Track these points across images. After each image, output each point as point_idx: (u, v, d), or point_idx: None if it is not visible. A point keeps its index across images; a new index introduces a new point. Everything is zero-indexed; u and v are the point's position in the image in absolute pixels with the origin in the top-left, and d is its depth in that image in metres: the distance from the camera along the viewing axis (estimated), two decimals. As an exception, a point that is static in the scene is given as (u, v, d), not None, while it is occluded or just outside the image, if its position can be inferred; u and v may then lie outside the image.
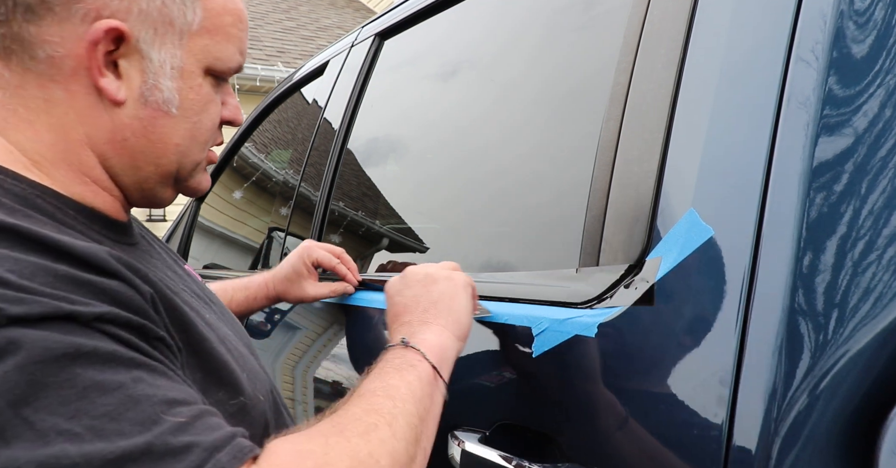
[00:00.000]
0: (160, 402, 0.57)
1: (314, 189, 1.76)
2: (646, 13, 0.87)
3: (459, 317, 0.88)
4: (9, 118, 0.71)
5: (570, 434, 0.80)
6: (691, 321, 0.70)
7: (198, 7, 0.74)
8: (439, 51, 1.56)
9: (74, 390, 0.54)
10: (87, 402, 0.54)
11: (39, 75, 0.70)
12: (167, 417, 0.56)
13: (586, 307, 0.82)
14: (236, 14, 0.77)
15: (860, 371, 0.63)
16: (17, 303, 0.54)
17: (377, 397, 0.71)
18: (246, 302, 1.33)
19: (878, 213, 0.66)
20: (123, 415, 0.54)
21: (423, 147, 1.55)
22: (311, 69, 2.15)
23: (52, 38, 0.68)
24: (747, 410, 0.63)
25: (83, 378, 0.54)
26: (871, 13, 0.68)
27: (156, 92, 0.73)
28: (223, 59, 0.77)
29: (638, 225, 0.79)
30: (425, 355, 0.80)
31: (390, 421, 0.68)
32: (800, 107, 0.67)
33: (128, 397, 0.55)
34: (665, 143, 0.78)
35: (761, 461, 0.62)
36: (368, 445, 0.64)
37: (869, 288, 0.64)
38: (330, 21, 9.76)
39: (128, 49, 0.71)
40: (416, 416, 0.72)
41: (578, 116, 1.05)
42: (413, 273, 0.94)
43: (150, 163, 0.75)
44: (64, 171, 0.72)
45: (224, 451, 0.57)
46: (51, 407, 0.52)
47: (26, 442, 0.51)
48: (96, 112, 0.72)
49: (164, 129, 0.74)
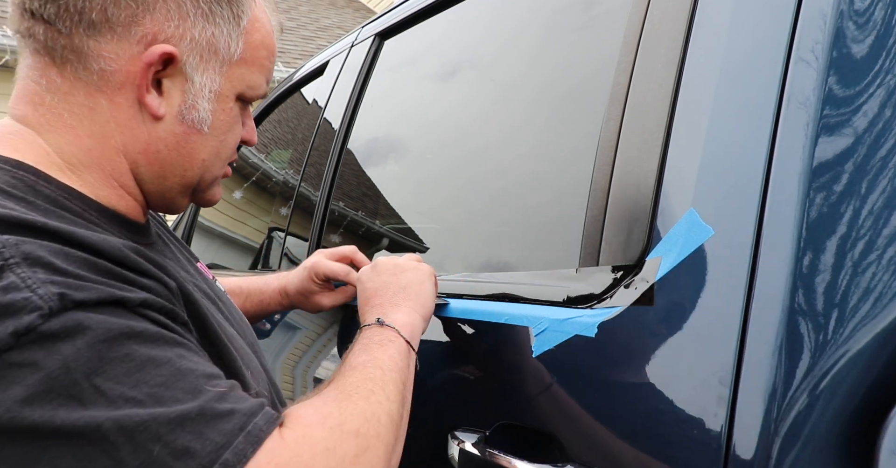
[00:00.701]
0: (202, 375, 0.66)
1: (314, 189, 1.76)
2: (646, 13, 0.87)
3: (425, 301, 1.00)
4: (52, 122, 0.77)
5: (570, 434, 0.80)
6: (691, 321, 0.70)
7: (241, 40, 0.82)
8: (439, 51, 1.56)
9: (134, 364, 0.63)
10: (144, 374, 0.63)
11: (88, 85, 0.76)
12: (209, 388, 0.66)
13: (586, 307, 0.82)
14: (271, 49, 0.86)
15: (860, 371, 0.63)
16: (79, 290, 0.63)
17: (368, 368, 0.82)
18: (261, 305, 1.32)
19: (878, 213, 0.66)
20: (175, 385, 0.64)
21: (423, 147, 1.55)
22: (311, 69, 2.15)
23: (108, 55, 0.75)
24: (747, 410, 0.63)
25: (139, 353, 0.64)
26: (871, 13, 0.68)
27: (193, 111, 0.80)
28: (254, 87, 0.85)
29: (638, 225, 0.79)
30: (400, 332, 0.91)
31: (383, 386, 0.79)
32: (800, 107, 0.67)
33: (176, 370, 0.65)
34: (665, 143, 0.78)
35: (761, 461, 0.62)
36: (371, 406, 0.75)
37: (869, 288, 0.64)
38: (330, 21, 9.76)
39: (174, 71, 0.78)
40: (401, 383, 0.83)
41: (578, 116, 1.05)
42: (383, 263, 1.06)
43: (177, 174, 0.83)
44: (96, 175, 0.78)
45: (259, 416, 0.67)
46: (117, 377, 0.62)
47: (101, 406, 0.60)
48: (135, 124, 0.78)
49: (194, 144, 0.82)
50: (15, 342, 0.59)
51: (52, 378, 0.60)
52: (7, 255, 0.62)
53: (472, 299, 1.05)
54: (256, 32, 0.84)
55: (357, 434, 0.71)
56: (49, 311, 0.61)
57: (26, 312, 0.60)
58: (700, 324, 0.69)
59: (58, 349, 0.60)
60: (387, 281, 1.02)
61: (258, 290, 1.33)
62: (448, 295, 1.11)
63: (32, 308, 0.60)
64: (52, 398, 0.59)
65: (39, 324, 0.60)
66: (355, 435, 0.71)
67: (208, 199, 0.90)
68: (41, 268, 0.63)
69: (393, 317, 0.94)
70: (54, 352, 0.60)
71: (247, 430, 0.65)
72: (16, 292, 0.61)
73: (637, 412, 0.73)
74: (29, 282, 0.62)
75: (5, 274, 0.61)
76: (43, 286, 0.62)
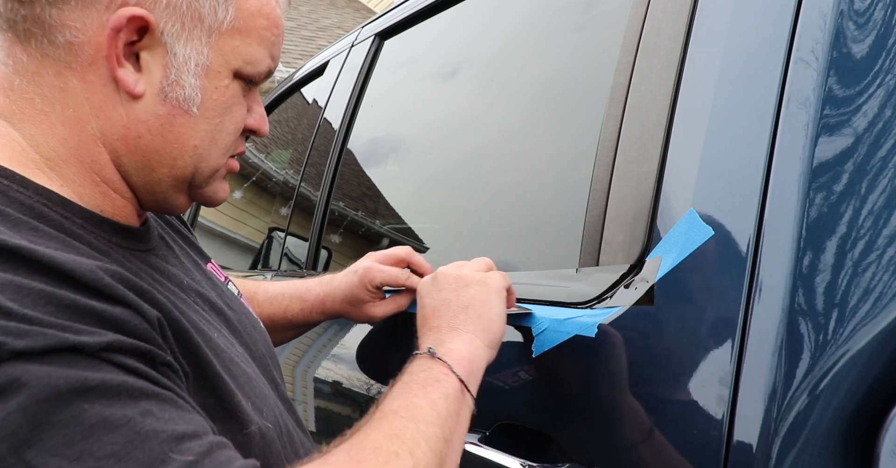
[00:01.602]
0: (168, 439, 0.54)
1: (314, 189, 1.76)
2: (646, 13, 0.87)
3: (491, 325, 0.84)
4: (25, 109, 0.68)
5: (570, 434, 0.80)
6: (691, 321, 0.70)
7: (231, 6, 0.71)
8: (439, 51, 1.56)
9: (80, 428, 0.51)
10: (92, 441, 0.51)
11: (56, 61, 0.67)
12: (175, 456, 0.54)
13: (586, 307, 0.82)
14: (271, 18, 0.74)
15: (860, 371, 0.63)
16: (20, 337, 0.52)
17: (400, 420, 0.68)
18: (302, 314, 1.16)
19: (878, 213, 0.66)
20: (131, 455, 0.52)
21: (423, 147, 1.55)
22: (311, 69, 2.15)
23: (74, 23, 0.66)
24: (747, 410, 0.63)
25: (90, 415, 0.52)
26: (871, 13, 0.68)
27: (177, 88, 0.69)
28: (253, 63, 0.73)
29: (638, 225, 0.79)
30: (453, 368, 0.76)
31: (412, 448, 0.65)
32: (800, 107, 0.67)
33: (135, 434, 0.53)
34: (665, 143, 0.78)
35: (761, 461, 0.62)
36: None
37: (869, 288, 0.64)
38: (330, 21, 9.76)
39: (151, 41, 0.68)
40: (441, 439, 0.68)
41: (578, 116, 1.05)
42: (445, 275, 0.90)
43: (165, 164, 0.72)
44: (76, 170, 0.69)
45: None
46: (55, 448, 0.50)
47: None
48: (110, 105, 0.68)
49: (182, 128, 0.71)
50: None
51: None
52: None
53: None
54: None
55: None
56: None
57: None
58: (700, 324, 0.69)
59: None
60: (447, 298, 0.86)
61: (300, 298, 1.16)
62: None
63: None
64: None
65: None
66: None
67: (210, 197, 0.77)
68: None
69: (449, 346, 0.79)
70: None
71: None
72: None
73: (637, 412, 0.73)
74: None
75: None
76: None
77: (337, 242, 1.68)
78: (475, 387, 0.78)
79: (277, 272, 1.84)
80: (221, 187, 0.78)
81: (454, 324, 0.83)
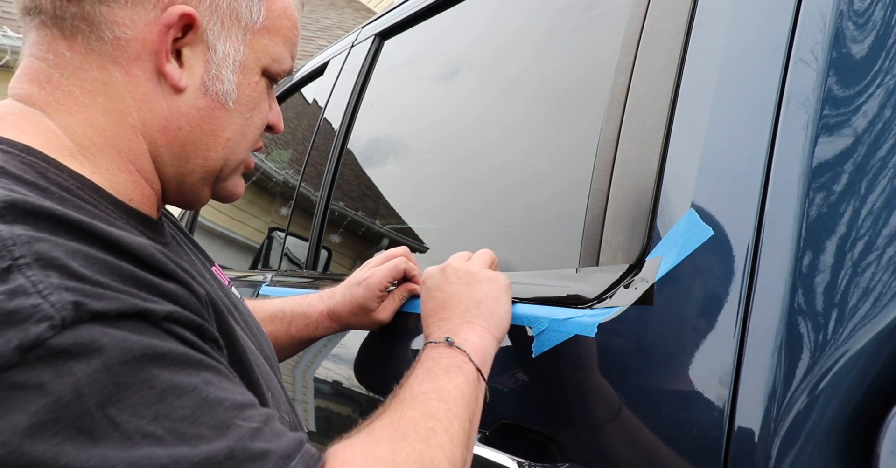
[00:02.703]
0: (231, 406, 0.58)
1: (314, 189, 1.76)
2: (646, 13, 0.87)
3: (501, 320, 0.88)
4: (62, 100, 0.70)
5: (570, 434, 0.80)
6: (691, 321, 0.70)
7: (263, 7, 0.75)
8: (439, 51, 1.56)
9: (154, 392, 0.54)
10: (166, 405, 0.54)
11: (102, 56, 0.69)
12: (240, 422, 0.57)
13: (586, 307, 0.82)
14: (293, 20, 0.80)
15: (860, 371, 0.63)
16: (96, 299, 0.54)
17: (432, 401, 0.72)
18: (307, 330, 1.18)
19: (878, 213, 0.66)
20: (200, 419, 0.55)
21: (423, 147, 1.55)
22: (311, 69, 2.15)
23: (123, 20, 0.69)
24: (747, 410, 0.63)
25: (160, 380, 0.55)
26: (871, 13, 0.68)
27: (217, 83, 0.74)
28: (279, 61, 0.78)
29: (638, 225, 0.79)
30: (471, 357, 0.81)
31: (447, 425, 0.70)
32: (800, 107, 0.67)
33: (202, 400, 0.56)
34: (665, 143, 0.78)
35: (761, 461, 0.62)
36: (430, 451, 0.66)
37: (869, 288, 0.64)
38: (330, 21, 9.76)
39: (194, 38, 0.72)
40: (468, 420, 0.73)
41: (578, 116, 1.05)
42: (454, 269, 0.93)
43: (200, 155, 0.75)
44: (111, 158, 0.71)
45: (296, 459, 0.58)
46: (134, 408, 0.53)
47: (114, 442, 0.52)
48: (153, 98, 0.71)
49: (218, 120, 0.75)
50: (19, 358, 0.50)
51: (60, 405, 0.51)
52: (17, 254, 0.53)
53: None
54: (278, 0, 0.78)
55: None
56: (61, 323, 0.52)
57: (34, 322, 0.51)
58: (700, 324, 0.69)
59: (70, 370, 0.51)
60: (458, 291, 0.90)
61: (302, 315, 1.18)
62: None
63: (42, 317, 0.51)
64: (60, 430, 0.50)
65: (49, 337, 0.51)
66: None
67: (231, 190, 0.82)
68: (55, 272, 0.54)
69: (464, 337, 0.84)
70: (65, 373, 0.51)
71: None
72: (24, 298, 0.52)
73: (637, 412, 0.73)
74: (40, 287, 0.53)
75: (13, 276, 0.53)
76: (56, 292, 0.53)
77: (337, 242, 1.68)
78: (487, 376, 0.82)
79: (277, 272, 1.84)
80: (240, 182, 0.83)
81: (467, 317, 0.87)
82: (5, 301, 0.52)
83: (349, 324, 1.16)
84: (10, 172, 0.61)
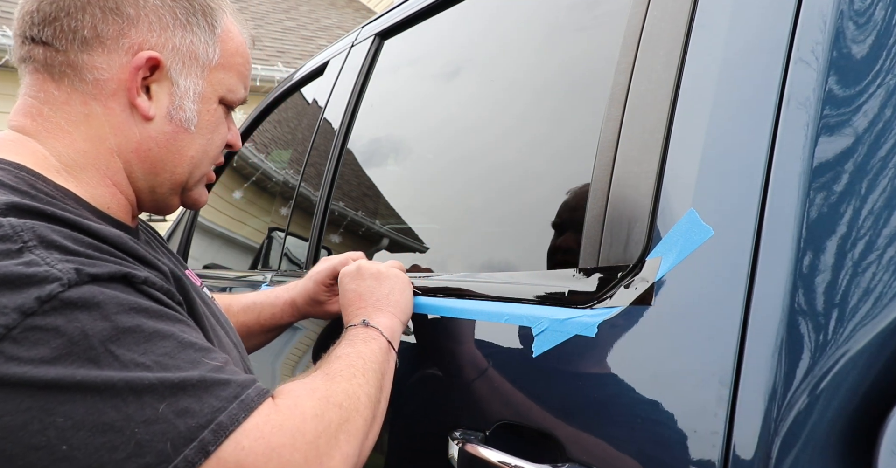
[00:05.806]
0: (201, 349, 0.75)
1: (314, 189, 1.76)
2: (646, 13, 0.87)
3: (406, 308, 1.10)
4: (50, 129, 0.86)
5: (570, 434, 0.80)
6: (691, 321, 0.70)
7: (217, 48, 0.92)
8: (439, 51, 1.56)
9: (143, 334, 0.71)
10: (152, 344, 0.71)
11: (84, 94, 0.86)
12: (207, 360, 0.75)
13: (586, 307, 0.82)
14: (245, 57, 0.97)
15: (860, 371, 0.63)
16: (90, 265, 0.71)
17: (350, 357, 0.93)
18: (273, 318, 1.36)
19: (878, 213, 0.66)
20: (178, 356, 0.72)
21: (423, 147, 1.55)
22: (311, 69, 2.15)
23: (101, 65, 0.85)
24: (747, 410, 0.63)
25: (147, 326, 0.72)
26: (871, 13, 0.68)
27: (180, 112, 0.90)
28: (233, 91, 0.95)
29: (638, 225, 0.79)
30: (382, 332, 1.01)
31: (364, 372, 0.90)
32: (800, 107, 0.67)
33: (178, 343, 0.73)
34: (665, 143, 0.78)
35: (761, 461, 0.62)
36: (352, 386, 0.86)
37: (869, 288, 0.64)
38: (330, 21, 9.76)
39: (160, 76, 0.88)
40: (380, 372, 0.94)
41: (578, 116, 1.05)
42: (367, 268, 1.14)
43: (167, 171, 0.92)
44: (91, 174, 0.87)
45: (251, 389, 0.75)
46: (128, 345, 0.70)
47: (115, 368, 0.68)
48: (127, 126, 0.88)
49: (182, 142, 0.92)
50: (39, 307, 0.67)
51: (73, 343, 0.67)
52: (26, 238, 0.71)
53: (471, 299, 1.05)
54: (230, 41, 0.94)
55: (340, 406, 0.81)
56: (68, 282, 0.69)
57: (48, 282, 0.68)
58: (700, 324, 0.69)
59: (77, 317, 0.68)
60: (371, 286, 1.11)
61: (270, 304, 1.37)
62: (448, 294, 1.11)
63: (53, 279, 0.68)
64: (73, 360, 0.67)
65: (60, 291, 0.68)
66: (339, 406, 0.81)
67: (195, 199, 0.99)
68: (55, 250, 0.71)
69: (377, 319, 1.04)
70: (74, 319, 0.68)
71: (240, 399, 0.73)
72: (37, 267, 0.69)
73: (637, 412, 0.73)
74: (48, 260, 0.69)
75: (26, 254, 0.69)
76: (60, 263, 0.70)
77: (337, 242, 1.68)
78: (396, 347, 1.03)
79: (277, 272, 1.84)
80: (204, 192, 1.01)
81: (378, 306, 1.08)
82: (25, 268, 0.68)
83: (307, 314, 1.36)
84: (6, 184, 0.77)
